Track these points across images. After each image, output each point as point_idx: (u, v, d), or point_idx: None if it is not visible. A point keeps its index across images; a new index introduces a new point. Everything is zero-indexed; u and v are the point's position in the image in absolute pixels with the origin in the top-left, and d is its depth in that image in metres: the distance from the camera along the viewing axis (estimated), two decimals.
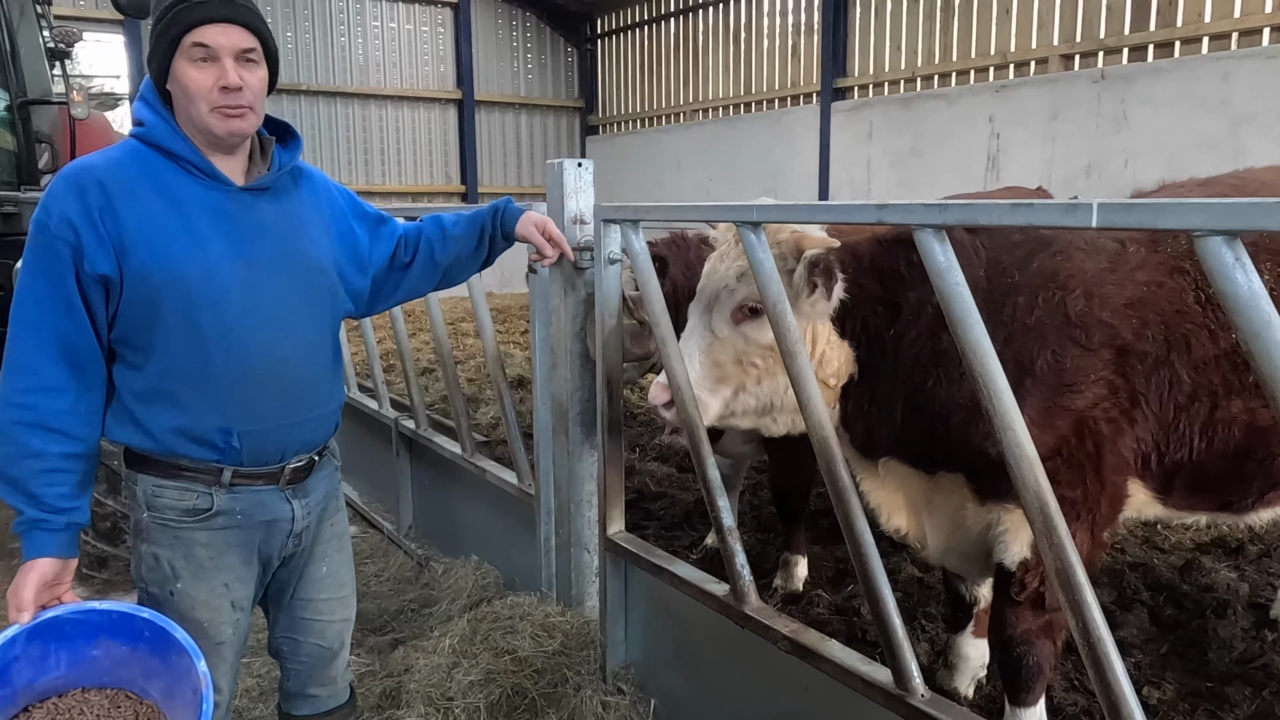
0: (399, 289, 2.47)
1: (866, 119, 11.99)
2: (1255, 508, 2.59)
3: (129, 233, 1.87)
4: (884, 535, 4.43)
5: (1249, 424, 2.33)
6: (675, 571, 2.87)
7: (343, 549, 2.38)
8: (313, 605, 2.30)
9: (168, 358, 1.94)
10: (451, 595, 3.90)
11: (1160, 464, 2.40)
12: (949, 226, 1.86)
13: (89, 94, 6.77)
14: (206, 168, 1.96)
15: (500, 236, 2.58)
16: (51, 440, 1.88)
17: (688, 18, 15.50)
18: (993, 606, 2.68)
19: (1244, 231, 1.40)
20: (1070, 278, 2.32)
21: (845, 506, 2.21)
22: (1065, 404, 2.28)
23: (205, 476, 2.02)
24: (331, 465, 2.31)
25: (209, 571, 2.06)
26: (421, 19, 16.48)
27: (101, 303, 1.91)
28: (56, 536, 1.90)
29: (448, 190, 16.82)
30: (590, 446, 3.38)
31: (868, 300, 2.49)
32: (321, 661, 2.35)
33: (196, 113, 1.92)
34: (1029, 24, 10.51)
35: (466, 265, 2.58)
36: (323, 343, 2.16)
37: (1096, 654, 1.71)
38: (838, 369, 2.53)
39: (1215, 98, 8.54)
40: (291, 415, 2.07)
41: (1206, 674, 3.21)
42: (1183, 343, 2.30)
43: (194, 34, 1.87)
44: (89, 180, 1.88)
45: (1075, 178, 9.61)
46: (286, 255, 2.05)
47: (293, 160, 2.12)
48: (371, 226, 2.37)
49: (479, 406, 7.02)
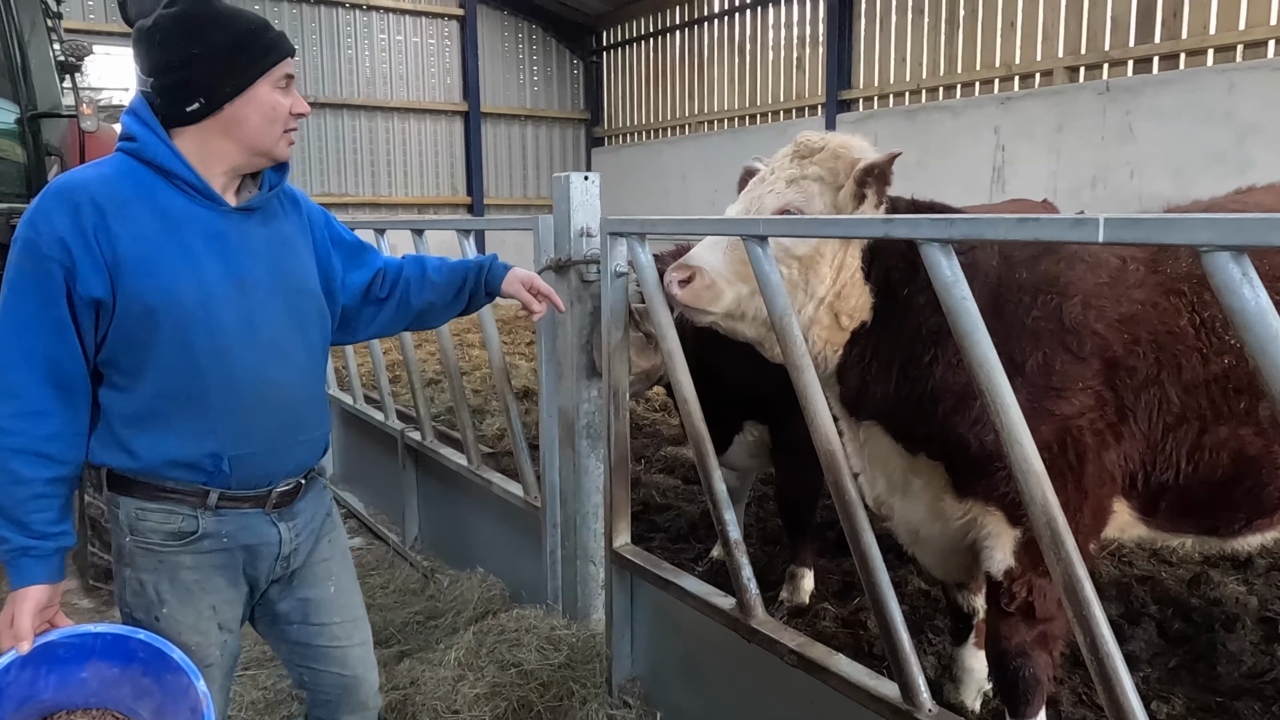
0: (370, 324, 2.41)
1: (872, 131, 12.01)
2: (1242, 534, 2.57)
3: (124, 253, 1.83)
4: (891, 547, 4.43)
5: (1238, 451, 2.32)
6: (681, 584, 2.86)
7: (347, 566, 2.33)
8: (328, 631, 2.23)
9: (159, 380, 1.89)
10: (457, 608, 3.90)
11: (1146, 484, 2.39)
12: (955, 240, 1.87)
13: (98, 106, 6.81)
14: (201, 186, 1.92)
15: (483, 293, 2.52)
16: (39, 466, 1.83)
17: (693, 30, 15.56)
18: (986, 619, 2.67)
19: (1250, 247, 1.40)
20: (1070, 285, 2.34)
21: (852, 520, 2.21)
22: (1050, 407, 2.27)
23: (191, 499, 1.97)
24: (319, 485, 2.26)
25: (195, 595, 2.01)
26: (428, 32, 16.57)
27: (91, 324, 1.86)
28: (45, 562, 1.86)
29: (454, 201, 16.89)
30: (596, 459, 3.39)
31: (894, 251, 2.44)
32: (347, 690, 2.29)
33: (272, 135, 1.96)
34: (1034, 36, 10.53)
35: (442, 313, 2.52)
36: (312, 366, 2.13)
37: (1105, 669, 1.71)
38: (854, 307, 2.48)
39: (1221, 109, 8.53)
40: (281, 439, 2.04)
41: (1215, 688, 3.19)
42: (1174, 363, 2.30)
43: (285, 65, 1.97)
44: (82, 198, 1.82)
45: (1081, 189, 9.61)
46: (277, 277, 2.03)
47: (282, 181, 2.11)
48: (349, 253, 2.33)
49: (485, 418, 7.03)
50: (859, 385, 2.52)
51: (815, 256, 2.44)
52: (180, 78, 1.89)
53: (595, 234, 3.21)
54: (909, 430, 2.48)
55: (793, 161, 2.54)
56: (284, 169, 2.11)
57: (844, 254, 2.45)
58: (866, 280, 2.47)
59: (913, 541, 2.73)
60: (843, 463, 2.23)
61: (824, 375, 2.50)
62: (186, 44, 1.87)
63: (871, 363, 2.50)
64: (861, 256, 2.47)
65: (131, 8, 4.92)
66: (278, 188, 2.09)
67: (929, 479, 2.50)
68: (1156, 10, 9.34)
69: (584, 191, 3.22)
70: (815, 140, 2.54)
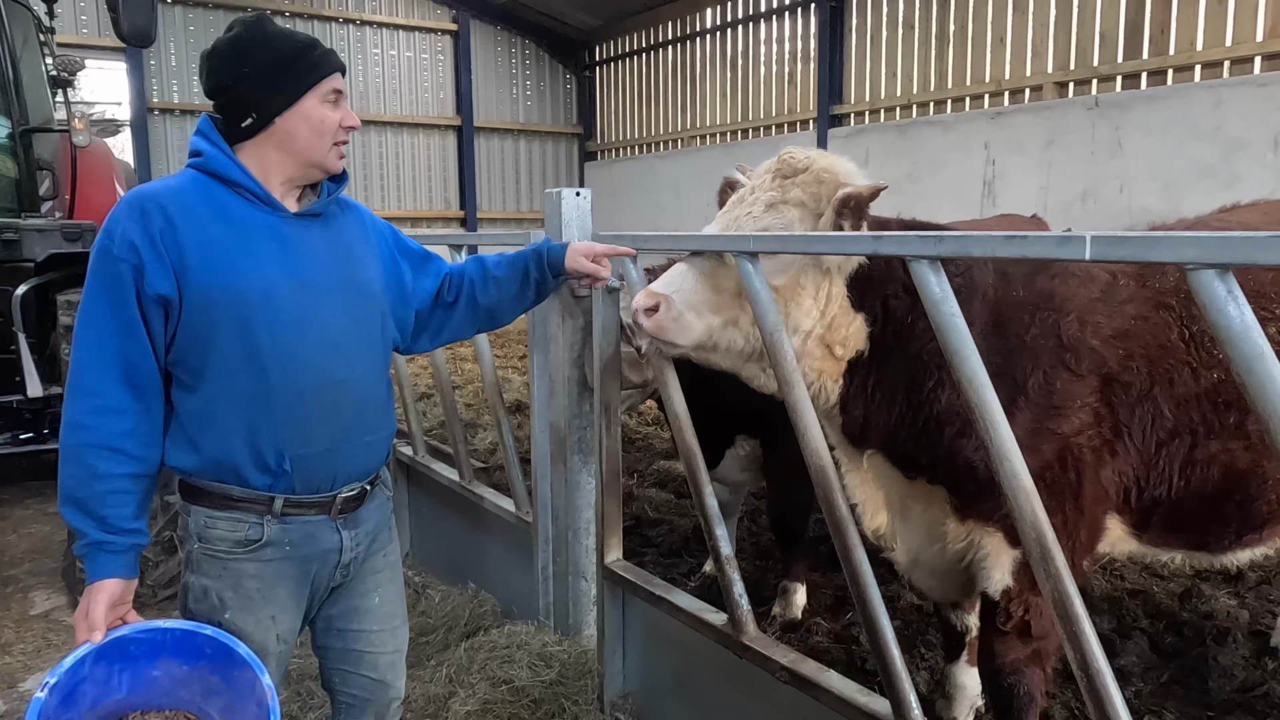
0: (444, 329, 2.50)
1: (863, 145, 12.07)
2: (1232, 549, 2.56)
3: (189, 252, 1.93)
4: (882, 562, 4.43)
5: (1228, 465, 2.32)
6: (673, 600, 2.86)
7: (394, 579, 2.39)
8: (365, 637, 2.30)
9: (223, 378, 1.97)
10: (449, 623, 3.89)
11: (1139, 499, 2.38)
12: (944, 257, 1.87)
13: (91, 120, 6.81)
14: (262, 194, 2.04)
15: (549, 276, 2.60)
16: (116, 461, 1.91)
17: (685, 45, 15.63)
18: (980, 636, 2.66)
19: (1235, 265, 1.41)
20: (1065, 301, 2.33)
21: (843, 536, 2.21)
22: (1052, 427, 2.27)
23: (257, 506, 2.04)
24: (383, 495, 2.33)
25: (257, 604, 2.07)
26: (421, 46, 16.61)
27: (161, 324, 1.95)
28: (121, 558, 1.94)
29: (447, 215, 16.90)
30: (588, 474, 3.38)
31: (893, 278, 2.36)
32: (375, 695, 2.35)
33: (321, 147, 2.07)
34: (1023, 52, 10.60)
35: (511, 307, 2.60)
36: (374, 367, 2.20)
37: (1095, 685, 1.71)
38: (845, 337, 2.38)
39: (1208, 125, 8.60)
40: (344, 440, 2.10)
41: (1207, 703, 3.20)
42: (1166, 378, 2.30)
43: (332, 80, 2.07)
44: (151, 205, 1.94)
45: (1071, 204, 9.66)
46: (338, 280, 2.11)
47: (340, 188, 2.21)
48: (416, 262, 2.43)
49: (477, 432, 7.01)
50: (862, 416, 2.46)
51: (795, 288, 2.34)
52: (234, 96, 2.03)
53: None
54: (912, 457, 2.44)
55: (774, 181, 2.44)
56: (342, 178, 2.21)
57: (828, 284, 2.35)
58: (857, 309, 2.38)
59: (911, 566, 2.70)
60: (833, 477, 2.23)
61: (825, 408, 2.45)
62: (238, 64, 2.02)
63: (874, 392, 2.42)
64: (847, 285, 2.37)
65: (125, 22, 4.93)
66: (335, 194, 2.20)
67: (927, 503, 2.49)
68: (1144, 27, 9.42)
69: (576, 207, 3.23)
70: (799, 159, 2.43)
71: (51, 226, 5.31)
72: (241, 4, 14.24)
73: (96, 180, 6.08)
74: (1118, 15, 9.59)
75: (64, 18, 11.11)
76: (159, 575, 4.27)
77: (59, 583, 4.74)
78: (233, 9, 14.18)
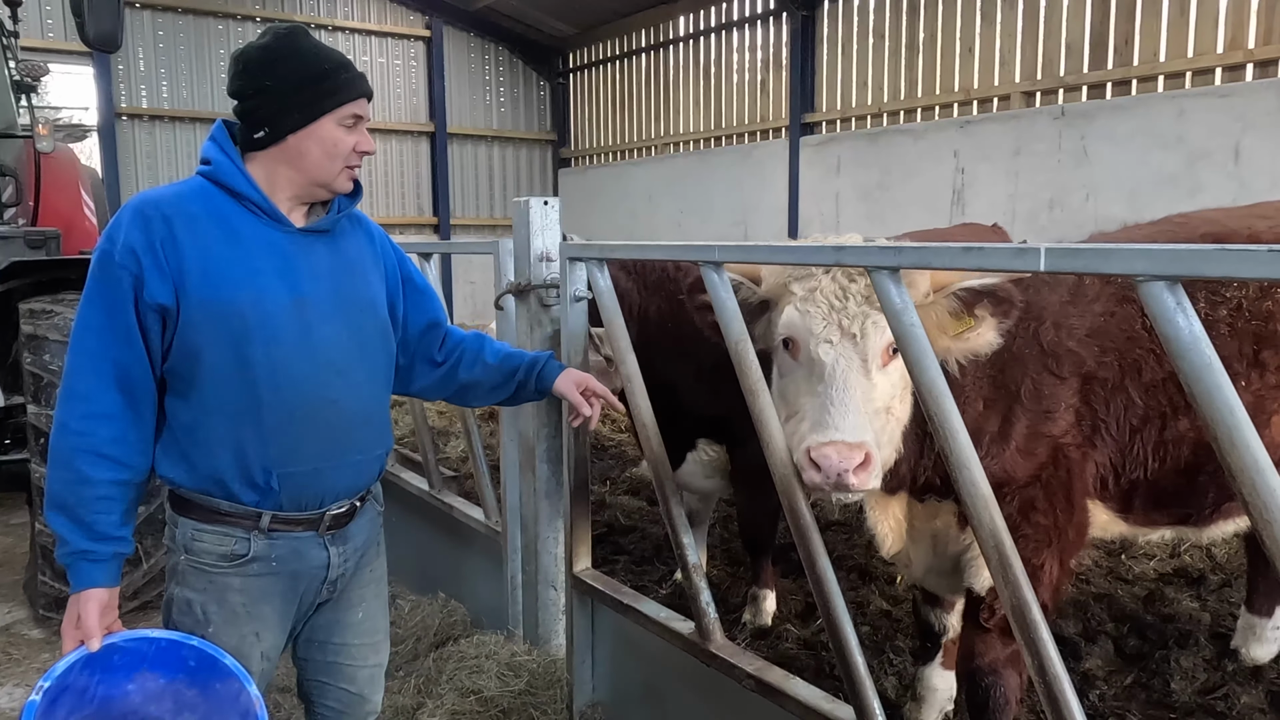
0: (416, 381, 2.43)
1: (835, 153, 12.15)
2: (1213, 519, 2.66)
3: (188, 263, 1.92)
4: (852, 568, 4.45)
5: (1196, 440, 2.42)
6: (641, 609, 2.86)
7: (380, 595, 2.38)
8: (346, 650, 2.29)
9: (214, 391, 1.96)
10: (418, 634, 3.86)
11: (1118, 484, 2.48)
12: (904, 268, 1.90)
13: (57, 125, 6.71)
14: (268, 208, 2.02)
15: (534, 388, 2.53)
16: (104, 467, 1.90)
17: (659, 53, 15.67)
18: (961, 637, 2.70)
19: (1184, 277, 1.44)
20: (1042, 309, 2.41)
21: (807, 544, 2.22)
22: (1045, 430, 2.36)
23: (244, 521, 2.03)
24: (374, 511, 2.31)
25: (241, 619, 2.05)
26: (394, 52, 16.53)
27: (158, 332, 1.94)
28: (104, 566, 1.93)
29: (420, 222, 16.81)
30: (557, 483, 3.38)
31: None
32: (351, 708, 2.33)
33: (331, 169, 2.04)
34: (991, 62, 10.73)
35: (487, 395, 2.54)
36: (373, 385, 2.18)
37: (1052, 691, 1.73)
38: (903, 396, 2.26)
39: (1171, 134, 8.74)
40: (333, 459, 2.08)
41: (1170, 704, 3.24)
42: (1135, 368, 2.40)
43: (354, 105, 2.04)
44: (153, 212, 1.93)
45: (1038, 212, 9.78)
46: (340, 297, 2.09)
47: (351, 205, 2.18)
48: (413, 292, 2.38)
49: (448, 440, 6.98)
50: (893, 468, 2.37)
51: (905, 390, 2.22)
52: (252, 106, 2.02)
53: (555, 259, 3.22)
54: (930, 483, 2.48)
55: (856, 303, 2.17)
56: (356, 194, 2.18)
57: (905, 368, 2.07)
58: None
59: (924, 575, 2.75)
60: (797, 485, 2.25)
61: None
62: (262, 75, 1.99)
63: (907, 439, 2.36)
64: None
65: (90, 27, 4.87)
66: (345, 211, 2.16)
67: (935, 517, 2.56)
68: (1109, 38, 9.56)
69: (543, 216, 3.23)
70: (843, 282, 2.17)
71: (14, 234, 5.22)
72: (210, 9, 14.10)
73: (61, 186, 5.98)
74: (1083, 26, 9.74)
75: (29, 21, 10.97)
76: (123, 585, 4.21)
77: (20, 595, 4.65)
78: (201, 14, 14.05)
